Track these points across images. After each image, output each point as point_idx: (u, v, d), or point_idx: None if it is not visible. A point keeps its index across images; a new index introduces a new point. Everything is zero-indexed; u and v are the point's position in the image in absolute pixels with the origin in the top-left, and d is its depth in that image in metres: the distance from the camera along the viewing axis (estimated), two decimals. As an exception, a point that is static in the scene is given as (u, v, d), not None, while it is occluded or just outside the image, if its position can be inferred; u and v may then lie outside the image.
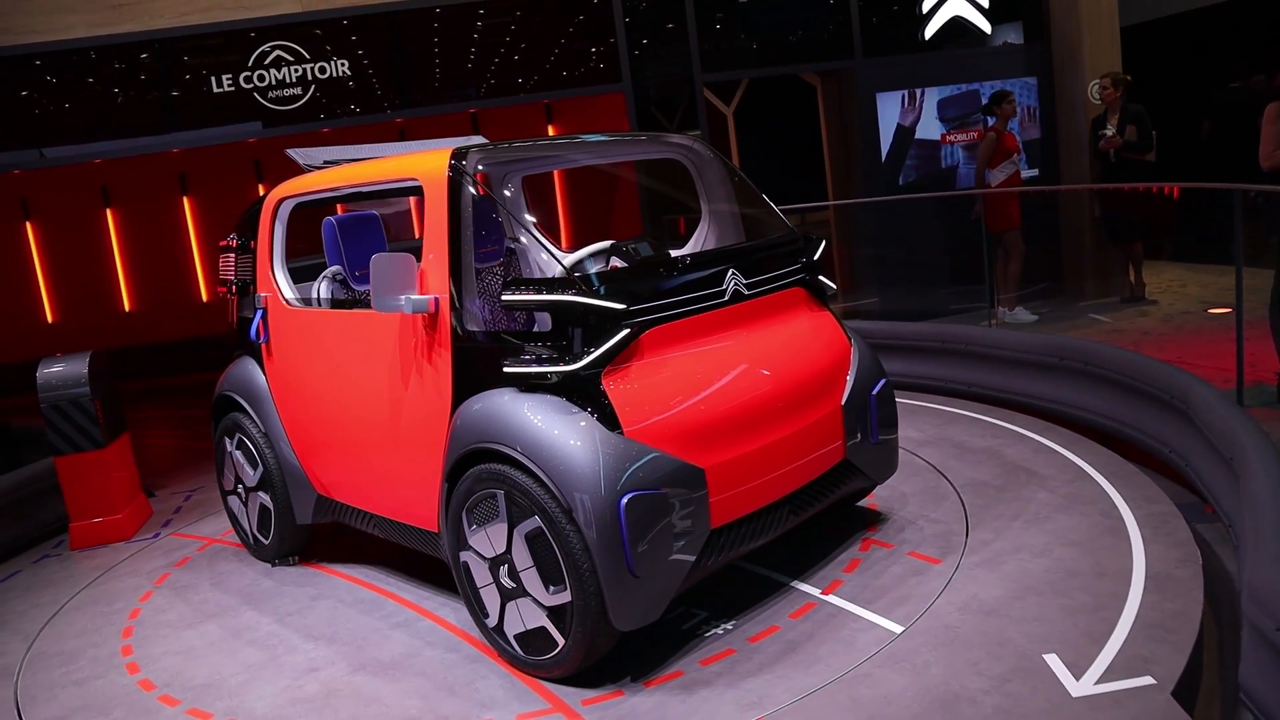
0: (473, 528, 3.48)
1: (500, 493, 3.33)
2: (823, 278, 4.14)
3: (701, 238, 4.62)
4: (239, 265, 4.90)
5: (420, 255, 3.71)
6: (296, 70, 7.97)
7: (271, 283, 4.65)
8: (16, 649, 4.26)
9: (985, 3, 9.32)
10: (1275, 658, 2.56)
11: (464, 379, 3.55)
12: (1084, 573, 3.64)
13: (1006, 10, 9.43)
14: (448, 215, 3.58)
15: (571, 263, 4.04)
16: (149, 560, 5.25)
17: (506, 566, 3.39)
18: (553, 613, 3.27)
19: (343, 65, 8.06)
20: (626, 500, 3.10)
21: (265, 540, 4.86)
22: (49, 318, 11.72)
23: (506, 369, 3.39)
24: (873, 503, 4.56)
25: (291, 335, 4.58)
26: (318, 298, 4.57)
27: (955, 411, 5.93)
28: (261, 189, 11.47)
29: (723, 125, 13.19)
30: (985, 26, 9.39)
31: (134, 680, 3.86)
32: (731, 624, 3.61)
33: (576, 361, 3.26)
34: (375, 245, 4.48)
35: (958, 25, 9.34)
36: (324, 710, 3.42)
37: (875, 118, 9.18)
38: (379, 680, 3.57)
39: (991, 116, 8.52)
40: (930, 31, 9.26)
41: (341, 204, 5.81)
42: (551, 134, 10.84)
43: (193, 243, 11.84)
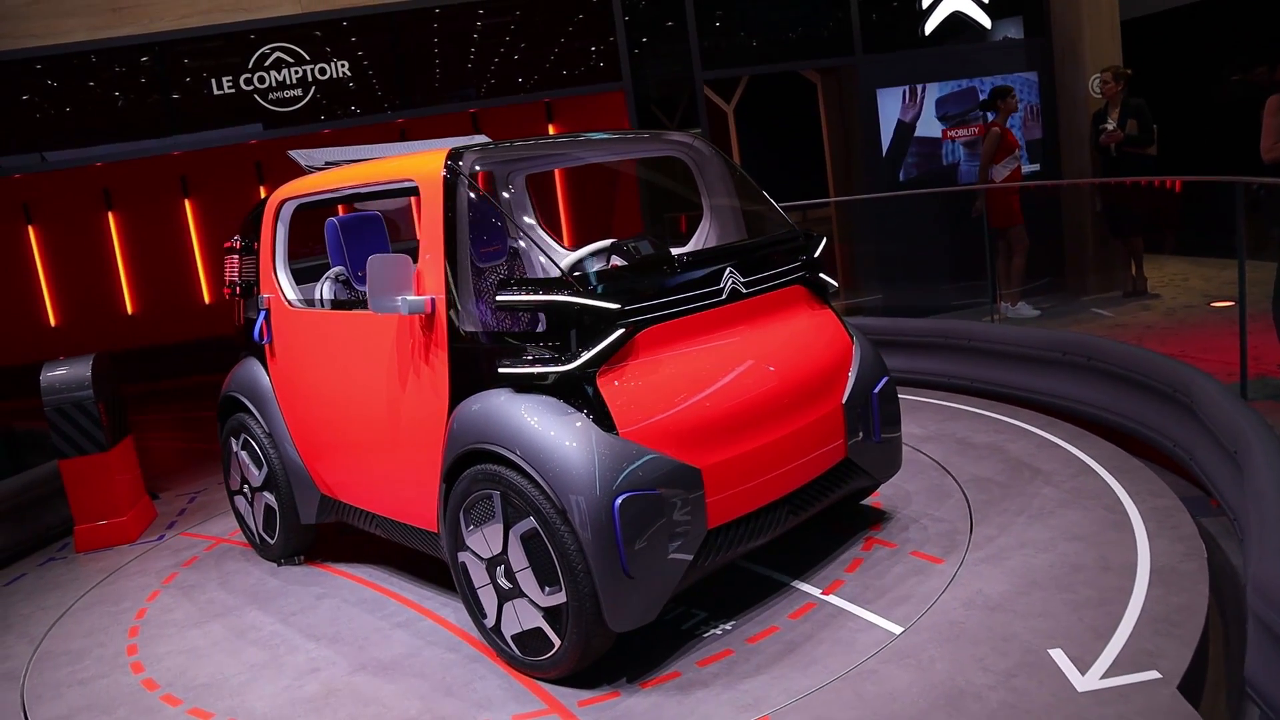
0: (470, 528, 3.48)
1: (496, 493, 3.33)
2: (824, 275, 4.11)
3: (703, 235, 4.61)
4: (243, 266, 4.91)
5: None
6: (297, 72, 7.98)
7: (274, 284, 4.66)
8: (23, 652, 4.27)
9: (985, -2, 9.33)
10: (1281, 651, 2.56)
11: (461, 379, 3.54)
12: (1089, 567, 3.63)
13: (1006, 5, 9.41)
14: (443, 216, 3.57)
15: (572, 261, 4.03)
16: (157, 560, 5.27)
17: (503, 567, 3.39)
18: (548, 614, 3.26)
19: (343, 66, 8.06)
20: (621, 501, 3.09)
21: (271, 540, 4.88)
22: (52, 321, 11.74)
23: (502, 369, 3.38)
24: (876, 501, 4.55)
25: (294, 336, 4.59)
26: (321, 298, 4.57)
27: (958, 407, 5.93)
28: (263, 191, 11.48)
29: (723, 123, 13.20)
30: (985, 22, 9.38)
31: (138, 680, 3.87)
32: (731, 624, 3.60)
33: (571, 362, 3.25)
34: (378, 245, 4.48)
35: (958, 21, 9.33)
36: (323, 710, 3.43)
37: (876, 114, 9.17)
38: (378, 680, 3.58)
39: (992, 112, 8.51)
40: (930, 27, 9.25)
41: (344, 205, 5.81)
42: (552, 133, 10.83)
43: (194, 245, 11.85)
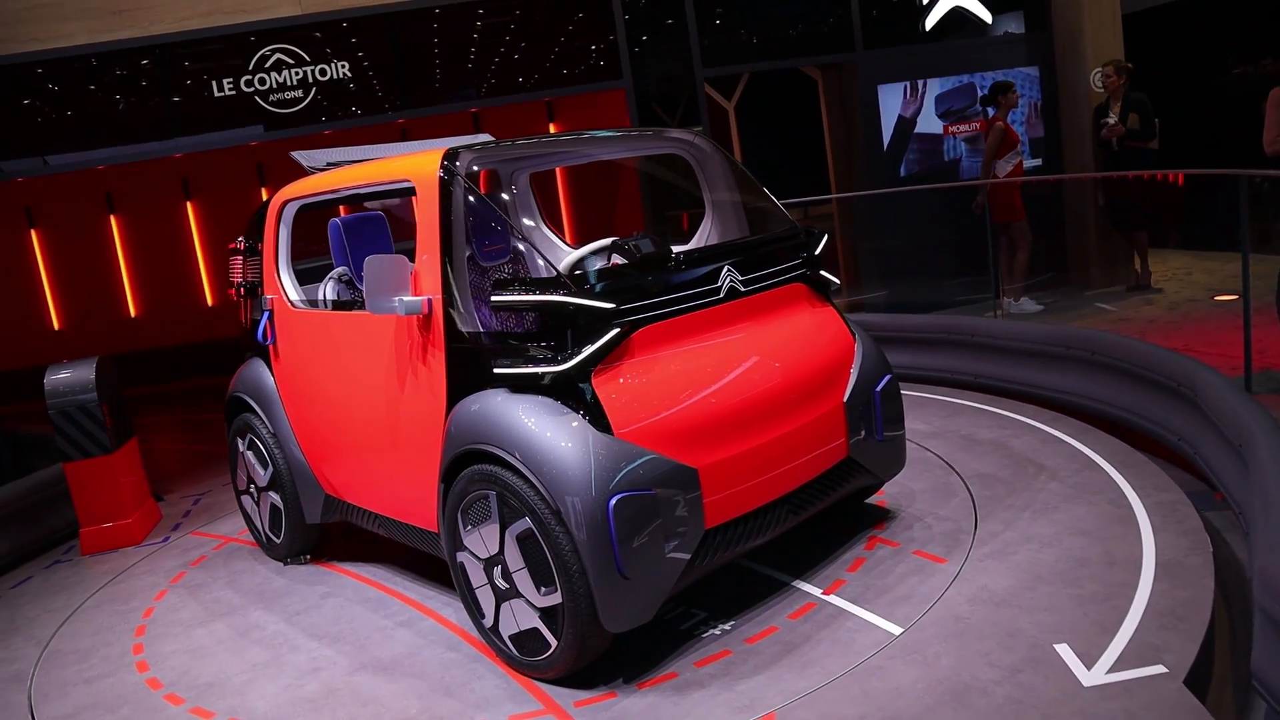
0: (467, 528, 3.48)
1: (493, 494, 3.32)
2: (825, 272, 4.08)
3: (705, 233, 4.60)
4: (247, 267, 4.92)
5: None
6: (297, 73, 7.98)
7: (277, 284, 4.67)
8: (30, 654, 4.28)
9: (985, -7, 9.31)
10: (1288, 644, 2.55)
11: (458, 380, 3.54)
12: (1094, 562, 3.63)
13: (1007, 0, 9.40)
14: (439, 216, 3.56)
15: (572, 260, 4.02)
16: (166, 559, 5.30)
17: (500, 568, 3.38)
18: (545, 614, 3.26)
19: (343, 67, 8.06)
20: (615, 501, 3.08)
21: (277, 539, 4.90)
22: (55, 324, 11.76)
23: (498, 370, 3.38)
24: (881, 500, 4.52)
25: (297, 337, 4.59)
26: (324, 299, 4.58)
27: (962, 403, 5.92)
28: (264, 192, 11.48)
29: (724, 120, 13.19)
30: (986, 17, 9.36)
31: (143, 679, 3.90)
32: (730, 624, 3.59)
33: (567, 362, 3.23)
34: (381, 245, 4.48)
35: (958, 16, 9.31)
36: (322, 709, 3.44)
37: (877, 110, 9.16)
38: (378, 679, 3.59)
39: (993, 107, 8.49)
40: (931, 23, 9.23)
41: (346, 205, 5.80)
42: (553, 132, 10.83)
43: (197, 247, 11.86)
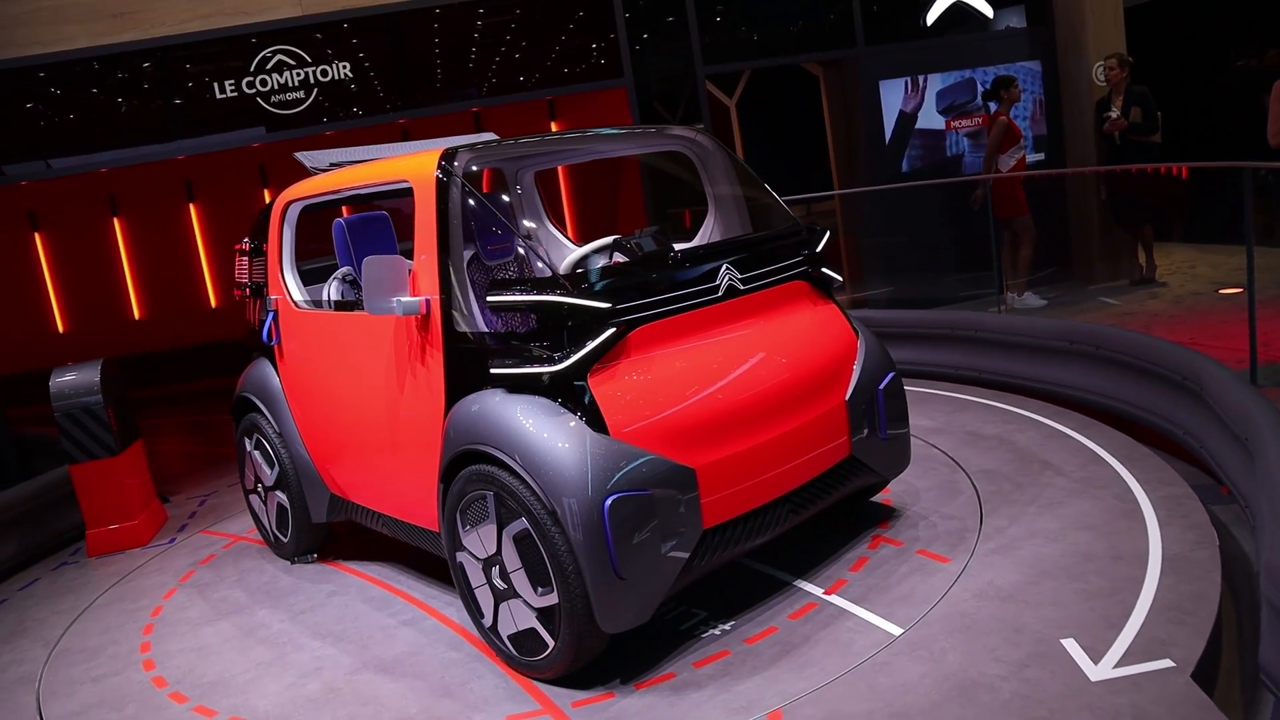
0: (466, 528, 3.48)
1: (490, 494, 3.32)
2: (827, 269, 4.05)
3: (708, 230, 4.59)
4: (252, 268, 4.93)
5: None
6: (298, 74, 7.98)
7: (281, 285, 4.67)
8: (37, 655, 4.29)
9: (987, -13, 9.29)
10: (1295, 637, 2.55)
11: (456, 380, 3.54)
12: (1100, 556, 3.62)
13: (1008, -6, 9.38)
14: (436, 217, 3.56)
15: (575, 259, 4.02)
16: (176, 558, 5.33)
17: (498, 568, 3.38)
18: (542, 614, 3.26)
19: (344, 68, 8.06)
20: (611, 502, 3.07)
21: (284, 538, 4.93)
22: (59, 327, 11.78)
23: (494, 370, 3.38)
24: (886, 498, 4.51)
25: (301, 337, 4.60)
26: (328, 299, 4.58)
27: (966, 398, 5.92)
28: (267, 194, 11.50)
29: (726, 117, 13.18)
30: (987, 11, 9.34)
31: (149, 677, 3.92)
32: (730, 624, 3.58)
33: (562, 362, 3.23)
34: (385, 245, 4.48)
35: (959, 10, 9.28)
36: (323, 709, 3.45)
37: (879, 106, 9.14)
38: (379, 679, 3.60)
39: (995, 102, 8.47)
40: (932, 18, 9.21)
41: (348, 205, 5.80)
42: (555, 130, 10.83)
43: (200, 249, 11.88)
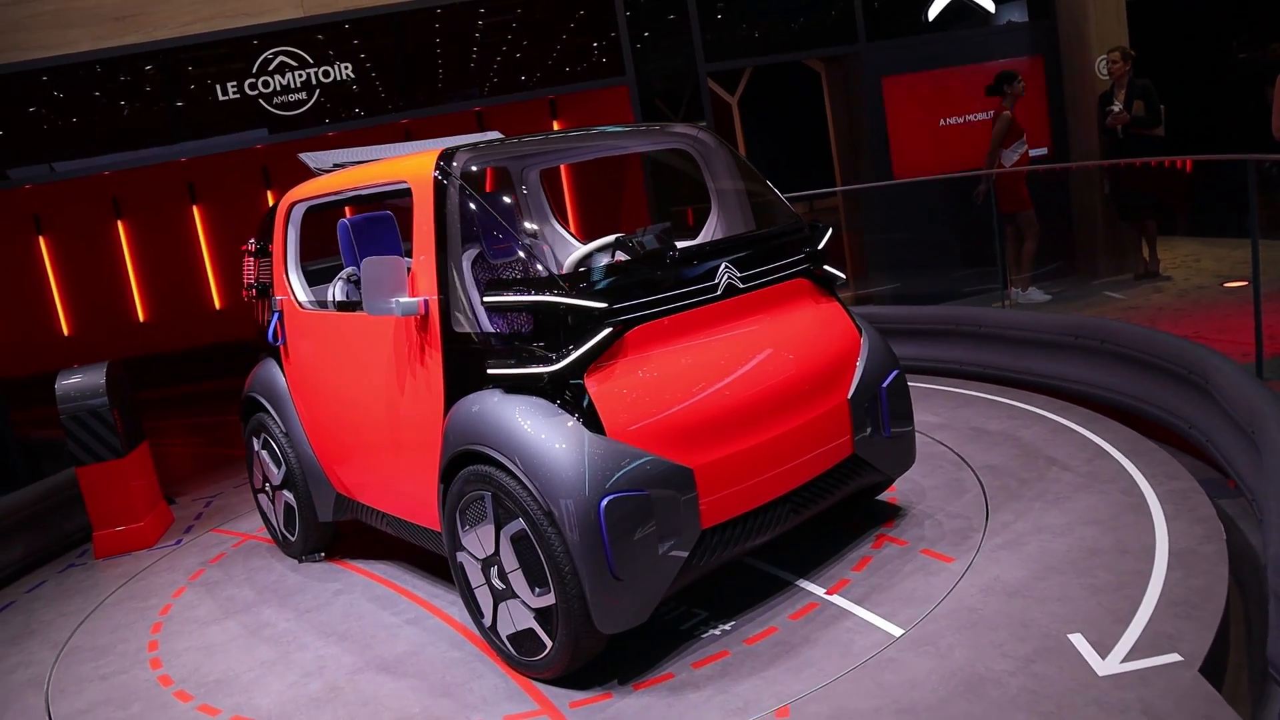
0: (465, 529, 3.48)
1: (488, 494, 3.32)
2: (830, 267, 4.03)
3: (711, 228, 4.58)
4: (258, 268, 4.94)
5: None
6: (300, 75, 7.98)
7: (286, 285, 4.68)
8: (46, 657, 4.31)
9: (989, -18, 9.26)
10: (1304, 630, 2.54)
11: (455, 380, 3.54)
12: (1107, 551, 3.61)
13: (1010, -12, 9.36)
14: (434, 217, 3.56)
15: (577, 258, 4.01)
16: (187, 556, 5.37)
17: (496, 568, 3.38)
18: (539, 615, 3.25)
19: (346, 69, 8.06)
20: (607, 502, 3.06)
21: (292, 537, 4.95)
22: (65, 330, 11.82)
23: (491, 370, 3.37)
24: (892, 496, 4.49)
25: (305, 337, 4.61)
26: (333, 299, 4.59)
27: (971, 394, 5.91)
28: (270, 195, 11.51)
29: (728, 114, 13.18)
30: (989, 5, 9.31)
31: (155, 675, 3.95)
32: (730, 625, 3.57)
33: (558, 362, 3.22)
34: (389, 245, 4.49)
35: (961, 5, 9.26)
36: (324, 708, 3.47)
37: (881, 101, 9.13)
38: (381, 678, 3.62)
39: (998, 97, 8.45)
40: (934, 12, 9.19)
41: (351, 206, 5.81)
42: (557, 129, 10.82)
43: (204, 251, 11.90)
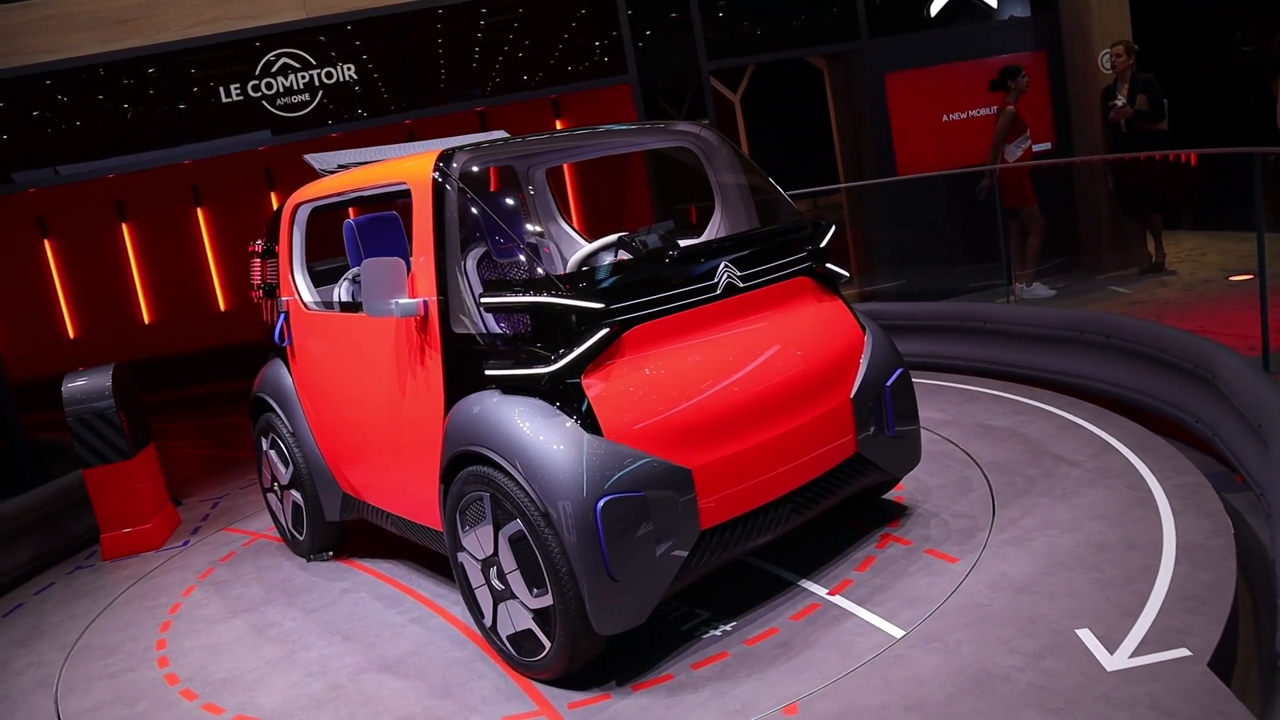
0: (465, 529, 3.48)
1: (486, 495, 3.32)
2: (833, 265, 4.00)
3: (715, 226, 4.57)
4: (265, 269, 4.96)
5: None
6: (303, 77, 7.99)
7: (292, 286, 4.69)
8: (55, 658, 4.32)
9: (991, -23, 9.24)
10: (1313, 624, 2.53)
11: (455, 381, 3.54)
12: (1114, 546, 3.61)
13: (1012, -17, 9.33)
14: (433, 218, 3.55)
15: (580, 257, 4.01)
16: (198, 555, 5.39)
17: (495, 569, 3.38)
18: (538, 616, 3.25)
19: (348, 70, 8.07)
20: (604, 504, 3.05)
21: (300, 536, 4.97)
22: (70, 333, 11.85)
23: (489, 371, 3.37)
24: (898, 495, 4.46)
25: (310, 337, 4.62)
26: (337, 299, 4.60)
27: (976, 390, 5.90)
28: (273, 196, 11.53)
29: (730, 112, 13.16)
30: (991, 0, 9.29)
31: (162, 674, 3.97)
32: (731, 625, 3.56)
33: (555, 363, 3.21)
34: (395, 246, 4.49)
35: (964, 1, 9.24)
36: (325, 707, 3.48)
37: (884, 98, 9.11)
38: (383, 678, 3.63)
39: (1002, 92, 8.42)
40: (936, 8, 9.17)
41: (355, 207, 5.81)
42: (560, 128, 10.82)
43: (208, 253, 11.92)
